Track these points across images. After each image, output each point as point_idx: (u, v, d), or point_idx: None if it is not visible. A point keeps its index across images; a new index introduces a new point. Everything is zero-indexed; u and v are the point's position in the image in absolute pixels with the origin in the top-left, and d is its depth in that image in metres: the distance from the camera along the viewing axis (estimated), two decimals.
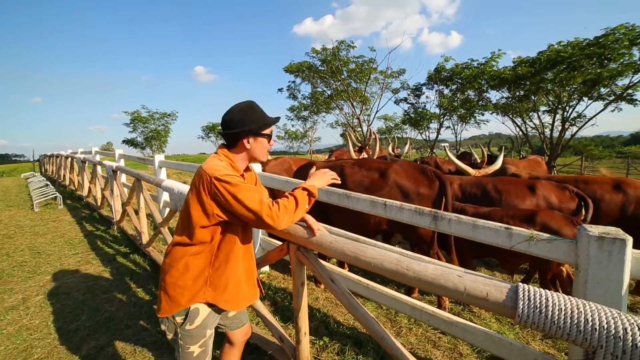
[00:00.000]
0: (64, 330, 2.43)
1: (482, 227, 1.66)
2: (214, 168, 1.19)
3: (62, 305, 2.79)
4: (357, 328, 2.42)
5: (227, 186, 1.15)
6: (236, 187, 1.15)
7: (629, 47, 9.92)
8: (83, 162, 6.68)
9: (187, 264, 1.23)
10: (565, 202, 2.77)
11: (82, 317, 2.60)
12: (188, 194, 1.26)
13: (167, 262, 1.28)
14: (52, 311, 2.70)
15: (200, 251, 1.24)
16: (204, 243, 1.23)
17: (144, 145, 20.41)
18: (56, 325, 2.49)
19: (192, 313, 1.24)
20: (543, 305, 0.87)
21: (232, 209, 1.16)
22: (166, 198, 4.86)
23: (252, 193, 1.16)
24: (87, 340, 2.30)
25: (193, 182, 1.25)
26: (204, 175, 1.18)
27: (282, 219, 1.17)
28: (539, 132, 14.12)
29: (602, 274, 1.27)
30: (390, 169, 2.89)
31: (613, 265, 1.25)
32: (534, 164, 5.35)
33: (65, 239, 4.61)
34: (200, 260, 1.24)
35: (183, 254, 1.24)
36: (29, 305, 2.80)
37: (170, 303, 1.23)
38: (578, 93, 11.67)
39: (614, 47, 9.94)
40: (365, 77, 18.15)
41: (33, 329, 2.46)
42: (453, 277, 1.06)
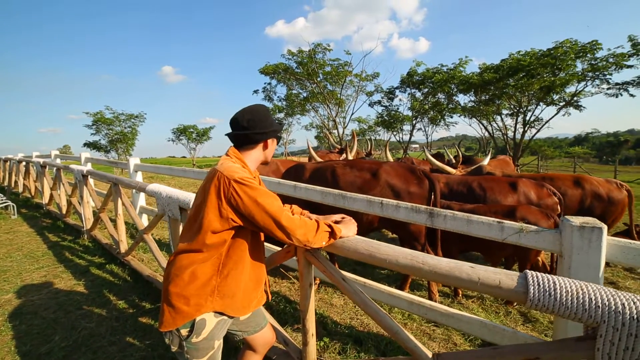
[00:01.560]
0: (34, 354, 2.16)
1: (476, 222, 1.77)
2: (232, 170, 1.15)
3: (28, 327, 2.49)
4: (354, 327, 2.45)
5: (247, 189, 1.12)
6: (256, 191, 1.13)
7: (574, 59, 11.15)
8: (43, 167, 6.10)
9: (194, 272, 1.17)
10: (543, 198, 3.01)
11: (54, 337, 2.34)
12: (200, 198, 1.20)
13: (171, 271, 1.21)
14: (16, 334, 2.39)
15: (208, 258, 1.19)
16: (212, 250, 1.18)
17: (109, 149, 19.05)
18: (22, 350, 2.21)
19: (199, 325, 1.17)
20: (552, 288, 0.96)
21: (250, 213, 1.13)
22: (142, 204, 4.58)
23: (272, 199, 1.15)
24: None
25: (206, 184, 1.20)
26: (222, 177, 1.14)
27: (298, 232, 1.17)
28: (503, 133, 15.25)
29: (583, 259, 1.41)
30: (382, 169, 2.97)
31: (592, 251, 1.39)
32: (503, 163, 5.75)
33: (25, 252, 4.16)
34: (208, 268, 1.19)
35: (190, 261, 1.18)
36: None
37: (174, 315, 1.15)
38: (535, 98, 12.82)
39: (563, 58, 11.09)
40: (340, 80, 18.46)
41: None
42: (466, 268, 1.13)
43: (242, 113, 1.26)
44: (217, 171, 1.17)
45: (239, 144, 1.29)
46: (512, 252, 2.68)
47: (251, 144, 1.28)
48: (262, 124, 1.25)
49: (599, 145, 43.49)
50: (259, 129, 1.25)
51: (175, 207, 2.25)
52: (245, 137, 1.26)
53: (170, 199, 2.29)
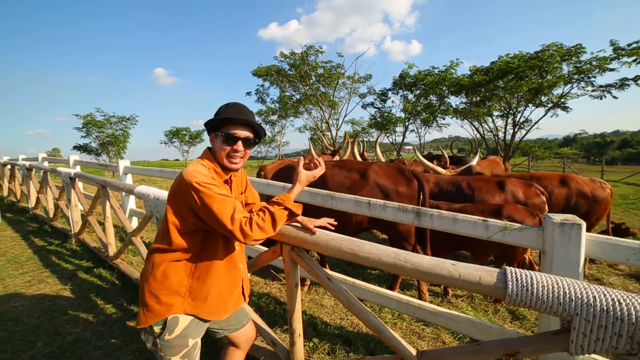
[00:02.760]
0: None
1: (461, 220, 1.79)
2: (193, 174, 1.14)
3: (8, 334, 2.42)
4: (344, 327, 2.45)
5: (203, 195, 1.10)
6: (211, 198, 1.10)
7: (560, 62, 11.42)
8: (29, 170, 5.97)
9: (166, 271, 1.18)
10: (530, 197, 3.06)
11: (37, 343, 2.29)
12: (168, 198, 1.21)
13: (145, 269, 1.23)
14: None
15: (179, 258, 1.19)
16: (182, 250, 1.19)
17: (100, 152, 18.72)
18: (1, 358, 2.15)
19: (171, 323, 1.17)
20: (529, 284, 0.98)
21: (205, 218, 1.13)
22: (132, 206, 4.52)
23: (226, 206, 1.11)
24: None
25: (172, 186, 1.21)
26: (182, 180, 1.15)
27: (253, 236, 1.13)
28: (494, 134, 15.49)
29: (563, 255, 1.45)
30: (370, 170, 2.98)
31: (572, 246, 1.43)
32: (493, 163, 5.84)
33: (8, 257, 4.05)
34: (180, 268, 1.20)
35: (161, 260, 1.19)
36: None
37: (147, 313, 1.16)
38: (524, 100, 13.06)
39: (550, 61, 11.35)
40: (333, 82, 18.53)
41: None
42: (447, 265, 1.14)
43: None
44: (180, 174, 1.18)
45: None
46: (499, 251, 2.72)
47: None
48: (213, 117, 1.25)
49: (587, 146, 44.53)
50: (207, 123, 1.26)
51: (162, 208, 2.22)
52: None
53: (157, 200, 2.26)
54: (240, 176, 1.45)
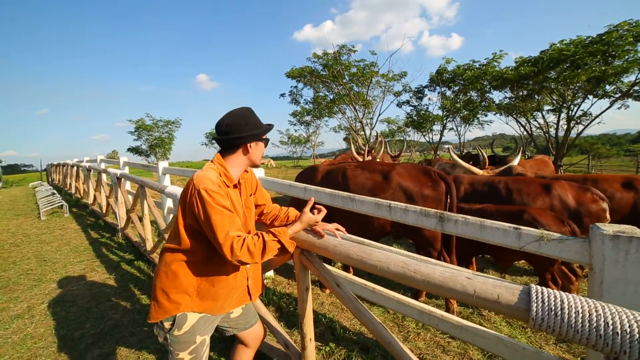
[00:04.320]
0: (68, 338, 2.42)
1: (490, 227, 1.62)
2: (202, 179, 1.17)
3: (66, 313, 2.78)
4: (363, 333, 2.37)
5: (206, 203, 1.12)
6: (212, 208, 1.12)
7: (634, 43, 9.81)
8: (88, 170, 6.75)
9: (176, 271, 1.22)
10: (585, 203, 2.69)
11: (86, 324, 2.59)
12: (179, 200, 1.25)
13: (158, 266, 1.28)
14: (57, 319, 2.69)
15: (188, 259, 1.23)
16: (192, 251, 1.22)
17: (149, 153, 20.60)
18: (60, 333, 2.49)
19: (179, 319, 1.22)
20: (558, 307, 0.83)
21: (202, 226, 1.15)
22: (170, 205, 4.86)
23: (224, 219, 1.13)
24: (91, 349, 2.28)
25: (184, 188, 1.25)
26: (191, 185, 1.18)
27: (240, 257, 1.13)
28: (544, 131, 13.98)
29: (619, 274, 1.22)
30: (394, 171, 2.85)
31: (631, 265, 1.20)
32: (540, 163, 5.27)
33: (71, 246, 4.63)
34: (189, 269, 1.23)
35: (172, 259, 1.24)
36: (34, 314, 2.79)
37: (157, 309, 1.21)
38: (582, 91, 11.55)
39: (618, 43, 9.84)
40: (367, 81, 18.20)
41: (37, 337, 2.45)
42: (462, 279, 1.03)
43: (222, 118, 1.27)
44: (191, 178, 1.20)
45: (222, 149, 1.31)
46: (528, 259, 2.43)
47: (231, 148, 1.28)
48: (240, 128, 1.25)
49: None
50: (236, 134, 1.24)
51: None
52: (225, 142, 1.28)
53: None
54: (249, 178, 1.46)
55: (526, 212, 2.28)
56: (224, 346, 2.13)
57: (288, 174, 15.78)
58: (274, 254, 1.21)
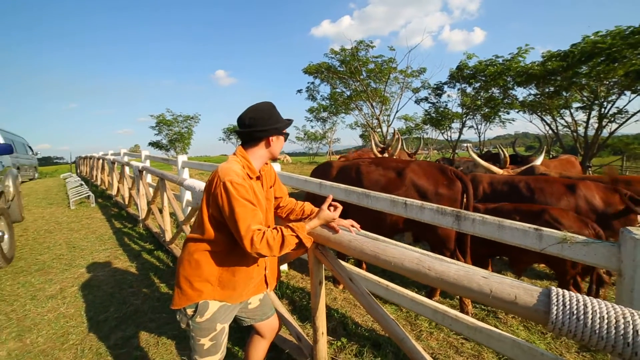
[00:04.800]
0: (95, 320, 2.57)
1: (509, 227, 1.57)
2: (228, 171, 1.21)
3: (93, 297, 2.96)
4: (375, 330, 2.37)
5: (230, 195, 1.16)
6: (236, 200, 1.16)
7: None
8: (112, 163, 7.07)
9: (199, 260, 1.27)
10: (614, 204, 2.55)
11: (110, 308, 2.74)
12: (204, 190, 1.29)
13: (182, 255, 1.33)
14: (85, 302, 2.87)
15: (210, 249, 1.27)
16: (214, 241, 1.26)
17: (169, 147, 21.30)
18: (88, 315, 2.66)
19: (202, 306, 1.27)
20: (581, 311, 0.80)
21: (225, 217, 1.19)
22: (189, 197, 5.02)
23: (247, 212, 1.16)
24: (114, 331, 2.42)
25: (209, 179, 1.29)
26: (216, 176, 1.22)
27: (259, 250, 1.16)
28: (572, 130, 13.25)
29: None
30: (408, 169, 2.81)
31: None
32: (566, 163, 5.02)
33: (97, 235, 4.89)
34: (211, 258, 1.27)
35: (195, 249, 1.28)
36: (65, 295, 3.00)
37: (181, 296, 1.27)
38: (619, 87, 10.79)
39: None
40: (384, 77, 17.90)
41: (69, 317, 2.63)
42: (478, 278, 1.00)
43: (245, 112, 1.31)
44: (216, 170, 1.25)
45: (243, 142, 1.35)
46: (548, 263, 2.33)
47: (254, 141, 1.32)
48: (263, 121, 1.28)
49: None
50: (260, 127, 1.28)
51: None
52: (247, 135, 1.31)
53: (202, 192, 2.46)
54: (269, 170, 1.51)
55: (546, 212, 2.19)
56: (239, 336, 2.19)
57: (304, 169, 15.84)
58: (291, 248, 1.24)
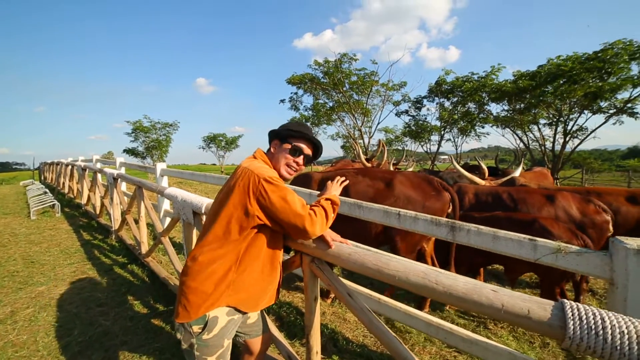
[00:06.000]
0: (54, 347, 2.27)
1: (503, 238, 1.58)
2: (261, 170, 1.20)
3: (53, 319, 2.63)
4: (367, 345, 2.28)
5: (276, 188, 1.16)
6: (284, 190, 1.17)
7: (628, 61, 10.09)
8: (83, 170, 6.60)
9: (214, 269, 1.19)
10: (589, 214, 2.67)
11: (74, 331, 2.44)
12: (226, 194, 1.22)
13: (190, 265, 1.22)
14: (42, 325, 2.54)
15: (227, 254, 1.20)
16: (232, 246, 1.20)
17: (145, 155, 20.42)
18: (45, 341, 2.33)
19: (211, 321, 1.19)
20: (599, 326, 0.78)
21: (277, 209, 1.16)
22: (167, 207, 4.76)
23: (296, 197, 1.20)
24: (77, 358, 2.15)
25: (234, 182, 1.21)
26: (251, 175, 1.17)
27: (318, 227, 1.20)
28: (540, 144, 14.17)
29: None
30: (396, 179, 2.81)
31: None
32: (540, 175, 5.29)
33: (61, 247, 4.46)
34: (226, 264, 1.20)
35: (211, 259, 1.20)
36: (17, 319, 2.62)
37: (190, 308, 1.17)
38: (579, 106, 11.77)
39: (614, 61, 10.10)
40: (366, 89, 18.35)
41: (19, 345, 2.29)
42: (487, 291, 0.97)
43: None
44: (246, 169, 1.20)
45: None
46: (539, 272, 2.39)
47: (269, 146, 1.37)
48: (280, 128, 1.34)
49: None
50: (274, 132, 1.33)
51: (189, 210, 2.26)
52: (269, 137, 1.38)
53: (184, 202, 2.30)
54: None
55: (537, 222, 2.24)
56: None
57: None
58: (331, 213, 1.28)
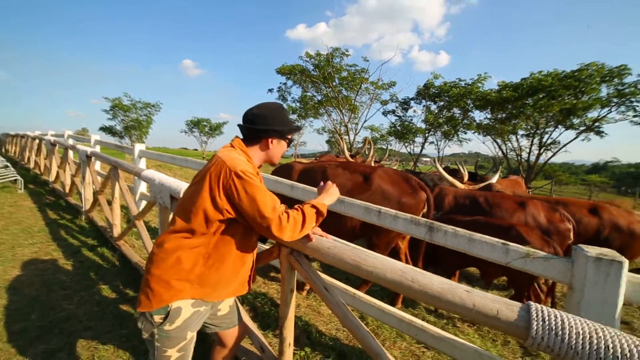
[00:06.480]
0: (7, 331, 2.11)
1: (478, 241, 1.63)
2: (236, 162, 1.13)
3: (7, 302, 2.44)
4: (339, 339, 2.32)
5: (246, 184, 1.09)
6: (255, 188, 1.10)
7: (599, 83, 10.78)
8: (53, 145, 6.19)
9: (180, 257, 1.13)
10: (554, 222, 2.83)
11: (31, 316, 2.29)
12: (197, 182, 1.16)
13: (156, 252, 1.17)
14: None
15: (196, 245, 1.15)
16: (202, 237, 1.15)
17: (123, 135, 19.45)
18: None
19: (174, 312, 1.13)
20: (559, 327, 0.82)
21: (244, 208, 1.10)
22: (143, 190, 4.56)
23: (268, 198, 1.12)
24: (34, 344, 2.01)
25: (206, 171, 1.15)
26: (223, 167, 1.11)
27: (288, 233, 1.13)
28: (517, 153, 14.87)
29: (597, 295, 1.26)
30: (375, 174, 2.85)
31: (609, 287, 1.24)
32: (515, 183, 5.54)
33: (23, 226, 4.17)
34: (194, 255, 1.15)
35: (177, 246, 1.14)
36: None
37: (152, 297, 1.12)
38: (554, 120, 12.44)
39: (588, 81, 10.74)
40: (356, 86, 18.39)
41: None
42: (460, 292, 1.00)
43: (253, 107, 1.26)
44: (220, 160, 1.13)
45: (244, 137, 1.27)
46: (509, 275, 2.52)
47: (253, 139, 1.26)
48: (267, 120, 1.22)
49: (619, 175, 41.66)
50: (261, 126, 1.22)
51: (166, 194, 2.17)
52: (248, 131, 1.25)
53: (162, 186, 2.21)
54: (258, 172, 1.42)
55: (514, 229, 2.35)
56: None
57: (268, 170, 15.52)
58: (312, 222, 1.19)
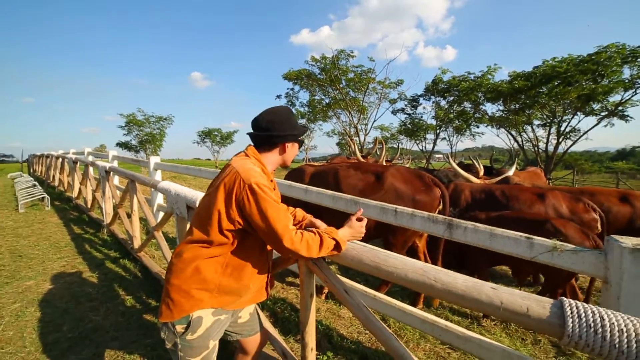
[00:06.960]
0: (42, 342, 2.20)
1: (500, 236, 1.57)
2: (251, 174, 1.12)
3: (41, 315, 2.55)
4: (361, 342, 2.28)
5: (259, 198, 1.08)
6: (268, 203, 1.08)
7: (621, 65, 10.23)
8: (74, 163, 6.46)
9: (198, 267, 1.14)
10: (578, 213, 2.70)
11: (63, 327, 2.38)
12: (212, 193, 1.17)
13: (175, 262, 1.18)
14: (30, 321, 2.46)
15: (214, 254, 1.16)
16: (220, 247, 1.15)
17: (138, 149, 20.13)
18: (33, 337, 2.27)
19: (195, 322, 1.14)
20: (598, 323, 0.77)
21: (255, 221, 1.09)
22: (160, 201, 4.69)
23: (281, 214, 1.10)
24: (67, 354, 2.09)
25: (220, 181, 1.15)
26: (237, 178, 1.11)
27: (298, 249, 1.11)
28: (533, 144, 14.35)
29: (638, 289, 1.18)
30: (387, 173, 2.81)
31: None
32: (534, 175, 5.34)
33: (51, 241, 4.37)
34: (212, 265, 1.16)
35: (195, 255, 1.15)
36: (3, 315, 2.54)
37: (173, 308, 1.13)
38: (572, 107, 11.93)
39: (607, 64, 10.23)
40: (363, 87, 18.33)
41: (5, 341, 2.21)
42: (486, 289, 0.96)
43: (263, 114, 1.25)
44: (234, 170, 1.13)
45: (257, 144, 1.27)
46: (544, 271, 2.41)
47: (269, 145, 1.25)
48: (281, 126, 1.22)
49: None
50: (277, 132, 1.22)
51: (182, 205, 2.21)
52: (263, 139, 1.24)
53: (178, 196, 2.26)
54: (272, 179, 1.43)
55: (549, 223, 2.24)
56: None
57: (280, 175, 15.64)
58: (329, 250, 1.18)
